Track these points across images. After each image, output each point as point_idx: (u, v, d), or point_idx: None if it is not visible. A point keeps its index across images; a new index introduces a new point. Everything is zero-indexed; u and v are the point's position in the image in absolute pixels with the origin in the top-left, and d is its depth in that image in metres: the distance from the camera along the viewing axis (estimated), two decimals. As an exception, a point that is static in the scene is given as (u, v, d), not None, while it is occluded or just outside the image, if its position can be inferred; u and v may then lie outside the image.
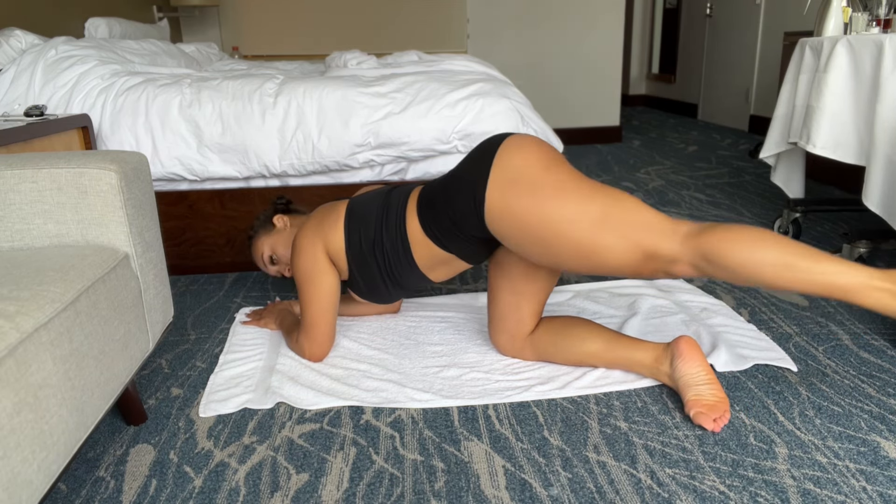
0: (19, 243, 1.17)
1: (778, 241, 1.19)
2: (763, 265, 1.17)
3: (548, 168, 1.30)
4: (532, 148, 1.34)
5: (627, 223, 1.23)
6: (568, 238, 1.25)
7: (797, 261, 1.17)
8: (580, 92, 4.94)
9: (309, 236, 1.55)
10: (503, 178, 1.31)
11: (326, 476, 1.21)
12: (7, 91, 2.17)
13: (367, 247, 1.51)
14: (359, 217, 1.52)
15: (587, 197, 1.26)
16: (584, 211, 1.24)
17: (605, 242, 1.23)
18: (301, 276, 1.55)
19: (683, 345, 1.38)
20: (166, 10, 4.38)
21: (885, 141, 1.87)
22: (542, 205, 1.26)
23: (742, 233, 1.19)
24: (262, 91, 2.19)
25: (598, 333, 1.49)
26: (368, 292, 1.61)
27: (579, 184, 1.28)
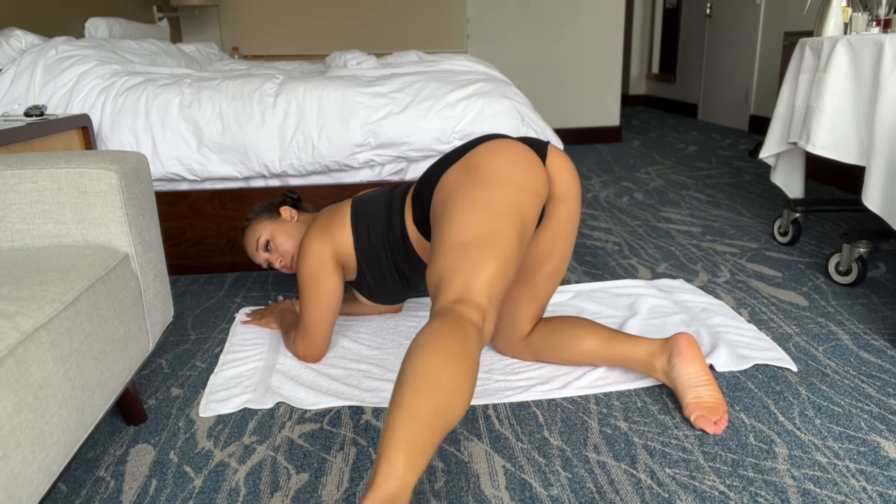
0: (19, 243, 1.17)
1: None
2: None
3: (486, 188, 1.21)
4: (492, 156, 1.28)
5: (461, 263, 1.12)
6: (434, 249, 1.19)
7: None
8: (580, 92, 4.94)
9: (316, 238, 1.53)
10: (452, 177, 1.29)
11: (326, 476, 1.21)
12: (7, 91, 2.17)
13: (376, 239, 1.51)
14: (365, 214, 1.53)
15: (468, 227, 1.17)
16: (460, 230, 1.17)
17: (430, 271, 1.16)
18: (305, 279, 1.53)
19: (683, 343, 1.37)
20: (166, 10, 4.38)
21: (885, 141, 1.87)
22: (447, 206, 1.23)
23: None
24: (262, 91, 2.19)
25: (594, 332, 1.49)
26: (377, 291, 1.61)
27: (480, 215, 1.18)
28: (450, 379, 0.90)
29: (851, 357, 1.59)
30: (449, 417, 0.88)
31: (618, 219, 2.87)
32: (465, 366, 0.92)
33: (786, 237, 2.45)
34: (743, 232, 2.62)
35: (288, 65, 3.46)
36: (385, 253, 1.52)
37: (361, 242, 1.52)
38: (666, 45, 7.13)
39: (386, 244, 1.51)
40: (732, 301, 1.93)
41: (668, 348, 1.40)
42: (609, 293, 2.00)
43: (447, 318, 1.00)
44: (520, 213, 1.21)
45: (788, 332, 1.72)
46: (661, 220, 2.83)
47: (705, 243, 2.49)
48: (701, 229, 2.68)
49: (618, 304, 1.92)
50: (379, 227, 1.51)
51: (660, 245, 2.49)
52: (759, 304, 1.91)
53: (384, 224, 1.50)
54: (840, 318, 1.80)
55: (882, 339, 1.67)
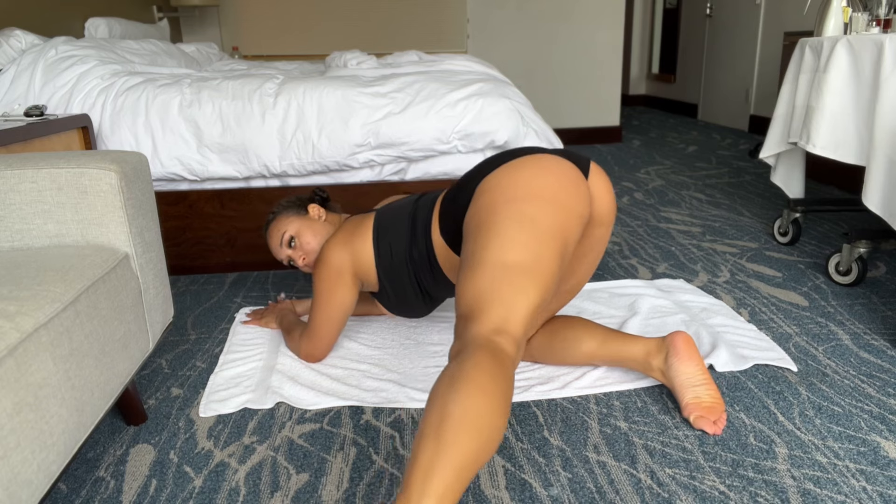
0: (19, 243, 1.17)
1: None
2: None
3: (532, 204, 1.14)
4: (542, 171, 1.19)
5: (496, 290, 1.05)
6: (472, 260, 1.12)
7: None
8: (580, 92, 4.94)
9: (337, 249, 1.50)
10: (494, 184, 1.22)
11: (326, 476, 1.20)
12: (7, 91, 2.17)
13: (398, 258, 1.47)
14: (387, 228, 1.48)
15: (509, 250, 1.09)
16: (499, 253, 1.09)
17: (463, 286, 1.09)
18: (320, 286, 1.51)
19: (681, 342, 1.36)
20: (166, 10, 4.38)
21: (885, 141, 1.87)
22: (487, 223, 1.15)
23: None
24: (262, 91, 2.19)
25: (591, 333, 1.48)
26: (399, 305, 1.57)
27: (525, 238, 1.10)
28: (491, 424, 0.86)
29: (851, 357, 1.59)
30: (483, 462, 0.86)
31: (618, 219, 2.87)
32: (504, 406, 0.89)
33: (786, 237, 2.45)
34: (743, 232, 2.62)
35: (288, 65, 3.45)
36: (407, 270, 1.48)
37: (383, 260, 1.48)
38: (666, 45, 7.13)
39: (408, 260, 1.47)
40: (732, 301, 1.93)
41: (665, 347, 1.39)
42: (609, 293, 2.00)
43: (487, 352, 0.94)
44: (564, 237, 1.15)
45: (788, 332, 1.72)
46: (661, 220, 2.83)
47: (705, 243, 2.49)
48: (701, 229, 2.68)
49: (618, 304, 1.92)
50: (401, 243, 1.46)
51: (660, 245, 2.49)
52: (759, 304, 1.91)
53: (407, 239, 1.46)
54: (840, 318, 1.80)
55: (882, 339, 1.67)
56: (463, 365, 0.92)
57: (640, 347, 1.43)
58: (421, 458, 0.83)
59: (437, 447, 0.83)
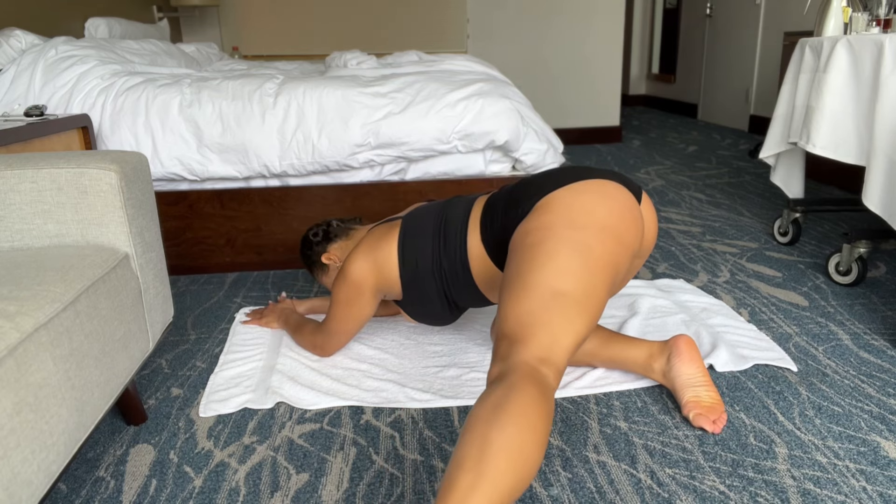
0: (19, 243, 1.17)
1: None
2: None
3: (592, 234, 1.11)
4: (606, 200, 1.16)
5: (542, 318, 1.03)
6: (522, 279, 1.09)
7: None
8: (580, 92, 4.94)
9: (359, 263, 1.46)
10: (557, 203, 1.17)
11: (326, 476, 1.20)
12: (7, 91, 2.17)
13: (425, 268, 1.43)
14: (413, 236, 1.44)
15: (558, 279, 1.06)
16: (546, 284, 1.06)
17: (510, 305, 1.06)
18: (339, 298, 1.49)
19: (683, 344, 1.38)
20: (166, 10, 4.38)
21: (885, 141, 1.87)
22: (540, 242, 1.12)
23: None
24: (262, 91, 2.19)
25: (593, 333, 1.48)
26: (423, 315, 1.55)
27: (574, 274, 1.06)
28: (532, 459, 0.85)
29: (851, 357, 1.59)
30: (518, 494, 0.84)
31: (618, 219, 2.87)
32: (544, 439, 0.88)
33: (786, 237, 2.45)
34: (743, 232, 2.62)
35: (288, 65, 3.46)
36: (434, 279, 1.44)
37: (408, 271, 1.44)
38: (666, 45, 7.13)
39: (435, 270, 1.42)
40: (732, 301, 1.93)
41: (668, 349, 1.40)
42: (609, 293, 2.00)
43: (533, 382, 0.92)
44: (616, 270, 1.12)
45: (788, 332, 1.72)
46: (661, 220, 2.83)
47: (705, 243, 2.49)
48: (701, 229, 2.68)
49: (618, 304, 1.92)
50: (428, 253, 1.42)
51: (660, 245, 2.49)
52: (759, 304, 1.91)
53: (435, 249, 1.42)
54: (840, 318, 1.80)
55: (882, 339, 1.67)
56: (509, 393, 0.89)
57: (641, 351, 1.43)
58: (458, 486, 0.80)
59: (476, 477, 0.80)
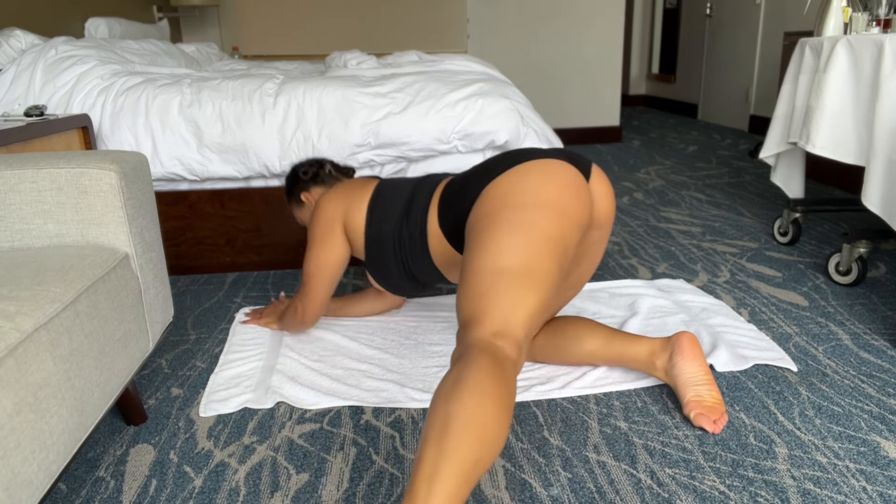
0: (19, 243, 1.17)
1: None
2: None
3: (534, 212, 1.14)
4: (546, 179, 1.20)
5: (493, 296, 1.06)
6: (470, 266, 1.13)
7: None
8: (580, 92, 4.94)
9: (332, 205, 1.56)
10: (500, 190, 1.21)
11: (326, 476, 1.21)
12: (7, 91, 2.17)
13: (385, 235, 1.51)
14: (384, 201, 1.52)
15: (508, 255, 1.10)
16: (496, 258, 1.10)
17: (462, 293, 1.10)
18: (313, 235, 1.57)
19: (686, 342, 1.37)
20: (166, 10, 4.38)
21: (885, 141, 1.87)
22: (486, 227, 1.15)
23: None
24: (262, 91, 2.19)
25: (595, 332, 1.48)
26: (383, 278, 1.61)
27: (523, 246, 1.10)
28: (494, 428, 0.86)
29: (851, 357, 1.59)
30: (487, 465, 0.85)
31: (618, 219, 2.87)
32: (506, 409, 0.89)
33: (786, 237, 2.45)
34: (743, 232, 2.62)
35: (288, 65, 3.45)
36: (392, 247, 1.51)
37: (373, 230, 1.52)
38: (666, 45, 7.13)
39: (396, 238, 1.49)
40: (732, 301, 1.93)
41: (670, 346, 1.40)
42: (609, 293, 2.00)
43: (488, 356, 0.94)
44: (564, 244, 1.15)
45: (788, 332, 1.72)
46: (661, 220, 2.83)
47: (705, 243, 2.49)
48: (701, 229, 2.68)
49: (618, 304, 1.92)
50: (392, 220, 1.49)
51: (660, 245, 2.49)
52: (759, 304, 1.91)
53: (400, 217, 1.49)
54: (840, 318, 1.80)
55: (882, 339, 1.67)
56: (465, 368, 0.92)
57: (644, 347, 1.43)
58: (425, 462, 0.82)
59: (439, 451, 0.82)
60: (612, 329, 1.49)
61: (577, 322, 1.51)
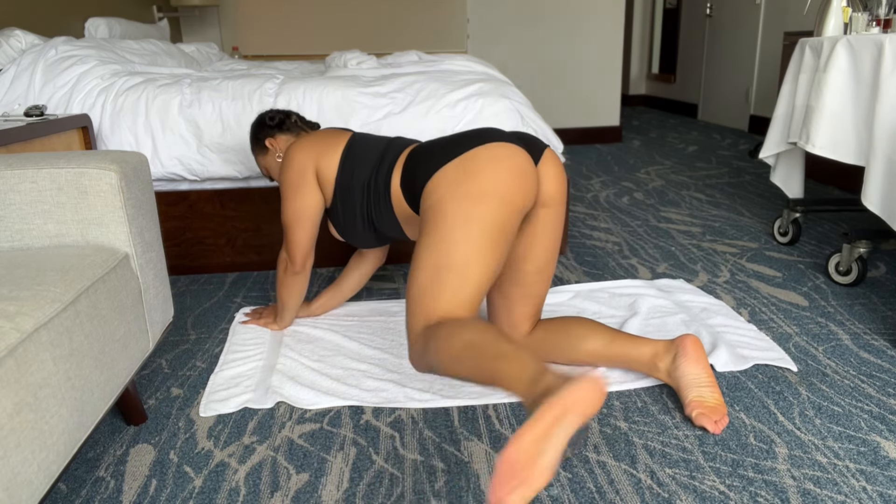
0: (19, 243, 1.18)
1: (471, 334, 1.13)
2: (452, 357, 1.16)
3: (474, 202, 1.25)
4: (491, 166, 1.29)
5: (435, 290, 1.22)
6: (416, 265, 1.27)
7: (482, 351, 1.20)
8: (580, 92, 4.94)
9: (303, 152, 1.58)
10: (448, 177, 1.31)
11: (326, 476, 1.21)
12: (7, 91, 2.17)
13: (357, 184, 1.53)
14: (357, 153, 1.54)
15: (449, 251, 1.24)
16: (438, 255, 1.24)
17: (418, 282, 1.25)
18: (286, 186, 1.58)
19: (690, 345, 1.38)
20: (166, 10, 4.38)
21: (885, 141, 1.87)
22: (433, 220, 1.27)
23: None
24: (262, 91, 2.19)
25: (597, 332, 1.49)
26: (345, 227, 1.62)
27: (467, 239, 1.24)
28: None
29: (851, 357, 1.59)
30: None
31: (618, 219, 2.87)
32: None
33: (786, 237, 2.45)
34: (743, 232, 2.62)
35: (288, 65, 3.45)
36: (361, 195, 1.53)
37: (344, 177, 1.54)
38: (666, 45, 7.13)
39: (365, 188, 1.52)
40: (732, 301, 1.93)
41: (674, 349, 1.40)
42: (609, 293, 2.00)
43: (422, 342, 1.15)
44: (503, 229, 1.26)
45: (788, 332, 1.72)
46: (661, 220, 2.83)
47: (705, 243, 2.49)
48: (701, 229, 2.68)
49: (618, 304, 1.92)
50: (364, 170, 1.52)
51: (660, 245, 2.49)
52: (759, 304, 1.91)
53: (371, 169, 1.51)
54: (840, 318, 1.80)
55: (882, 339, 1.67)
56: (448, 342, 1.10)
57: (647, 349, 1.43)
58: (482, 371, 1.02)
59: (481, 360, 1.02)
60: (615, 330, 1.49)
61: (580, 322, 1.51)
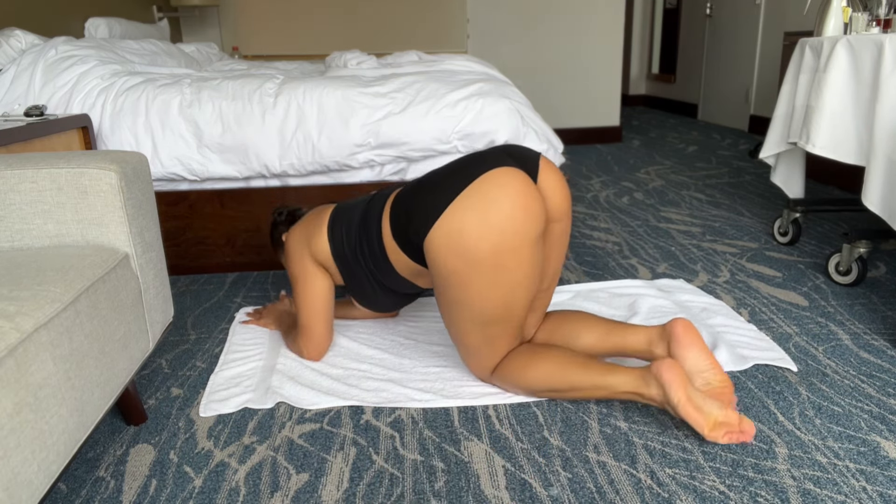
0: (19, 243, 1.17)
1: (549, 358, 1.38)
2: (538, 382, 1.38)
3: (496, 254, 1.25)
4: (485, 216, 1.24)
5: (493, 346, 1.39)
6: (455, 320, 1.38)
7: (570, 375, 1.35)
8: (580, 92, 4.94)
9: (295, 242, 1.56)
10: (447, 239, 1.26)
11: (326, 476, 1.21)
12: (7, 91, 2.17)
13: (351, 253, 1.48)
14: (341, 223, 1.50)
15: (488, 311, 1.32)
16: (479, 317, 1.34)
17: (470, 342, 1.40)
18: (293, 278, 1.56)
19: (680, 329, 1.35)
20: (166, 10, 4.38)
21: (885, 141, 1.87)
22: (460, 286, 1.30)
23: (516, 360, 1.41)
24: (262, 91, 2.19)
25: (592, 325, 1.48)
26: (362, 299, 1.59)
27: (498, 295, 1.30)
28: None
29: (851, 357, 1.59)
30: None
31: (618, 219, 2.87)
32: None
33: (786, 237, 2.45)
34: (743, 232, 2.62)
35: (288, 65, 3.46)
36: (360, 262, 1.48)
37: (337, 249, 1.51)
38: (666, 45, 7.13)
39: (359, 253, 1.47)
40: (732, 301, 1.93)
41: (666, 336, 1.38)
42: (609, 293, 2.00)
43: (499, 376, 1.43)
44: (531, 269, 1.30)
45: (788, 332, 1.72)
46: (661, 220, 2.83)
47: (705, 243, 2.49)
48: (701, 229, 2.68)
49: (618, 304, 1.92)
50: (353, 235, 1.47)
51: (660, 245, 2.49)
52: (759, 304, 1.91)
53: (358, 231, 1.46)
54: (840, 318, 1.80)
55: (882, 339, 1.67)
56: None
57: (641, 336, 1.43)
58: (570, 380, 1.33)
59: (572, 374, 1.34)
60: (610, 321, 1.49)
61: (574, 316, 1.51)
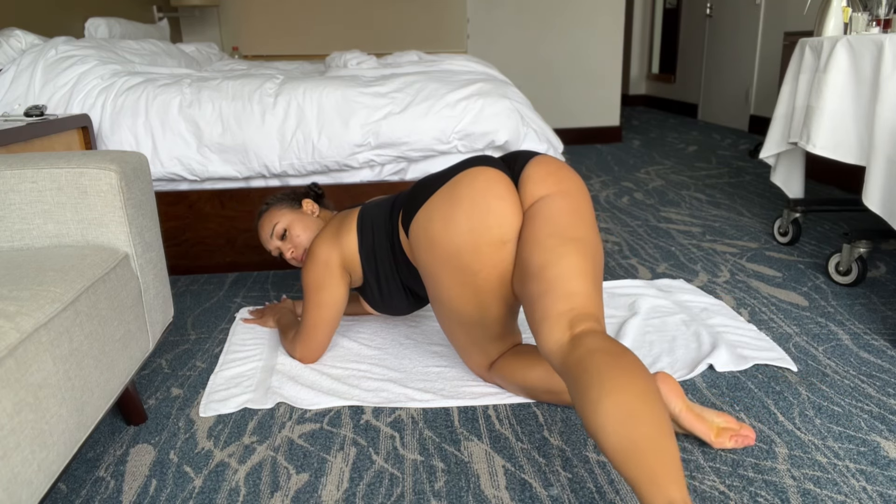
0: (19, 243, 1.17)
1: None
2: (537, 382, 1.38)
3: (457, 268, 1.31)
4: (457, 217, 1.29)
5: (480, 346, 1.44)
6: (440, 319, 1.44)
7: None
8: (580, 92, 4.94)
9: (325, 243, 1.52)
10: (427, 234, 1.33)
11: (326, 476, 1.21)
12: (7, 91, 2.17)
13: (379, 249, 1.49)
14: (370, 221, 1.50)
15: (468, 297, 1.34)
16: (459, 304, 1.36)
17: (458, 341, 1.46)
18: (309, 283, 1.52)
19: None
20: (166, 10, 4.38)
21: (885, 141, 1.87)
22: (434, 284, 1.36)
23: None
24: (262, 91, 2.19)
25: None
26: (381, 301, 1.58)
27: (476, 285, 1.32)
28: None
29: (851, 357, 1.59)
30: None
31: (618, 219, 2.87)
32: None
33: (786, 237, 2.45)
34: (743, 232, 2.62)
35: (288, 65, 3.45)
36: (388, 261, 1.49)
37: (365, 248, 1.50)
38: (666, 45, 7.13)
39: (390, 252, 1.48)
40: (732, 301, 1.93)
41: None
42: (609, 293, 2.00)
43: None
44: (494, 273, 1.30)
45: (788, 332, 1.72)
46: (661, 220, 2.83)
47: (705, 243, 2.49)
48: (701, 229, 2.68)
49: (618, 303, 1.92)
50: (382, 235, 1.48)
51: (660, 245, 2.49)
52: (759, 304, 1.91)
53: (385, 231, 1.48)
54: (840, 318, 1.80)
55: (882, 339, 1.67)
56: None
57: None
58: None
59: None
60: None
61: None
